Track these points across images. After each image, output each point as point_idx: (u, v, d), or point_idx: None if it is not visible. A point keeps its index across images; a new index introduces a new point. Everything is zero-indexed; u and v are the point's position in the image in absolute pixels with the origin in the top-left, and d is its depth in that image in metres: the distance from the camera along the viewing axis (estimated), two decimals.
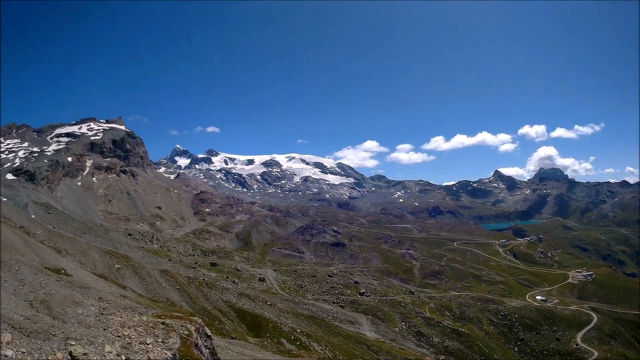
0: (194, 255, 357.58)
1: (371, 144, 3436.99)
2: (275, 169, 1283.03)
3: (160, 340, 48.25)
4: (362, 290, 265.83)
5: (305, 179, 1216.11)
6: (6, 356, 36.32)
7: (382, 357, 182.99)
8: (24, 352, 39.39)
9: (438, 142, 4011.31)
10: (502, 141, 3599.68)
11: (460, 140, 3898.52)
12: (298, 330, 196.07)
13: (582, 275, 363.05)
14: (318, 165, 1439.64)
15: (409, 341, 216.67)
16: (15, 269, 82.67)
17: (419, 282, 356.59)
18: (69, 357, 39.30)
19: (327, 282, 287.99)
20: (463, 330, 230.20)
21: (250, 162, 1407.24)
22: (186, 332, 56.57)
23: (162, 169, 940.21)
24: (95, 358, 40.04)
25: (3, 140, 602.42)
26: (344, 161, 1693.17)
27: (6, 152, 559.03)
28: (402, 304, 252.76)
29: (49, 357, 39.14)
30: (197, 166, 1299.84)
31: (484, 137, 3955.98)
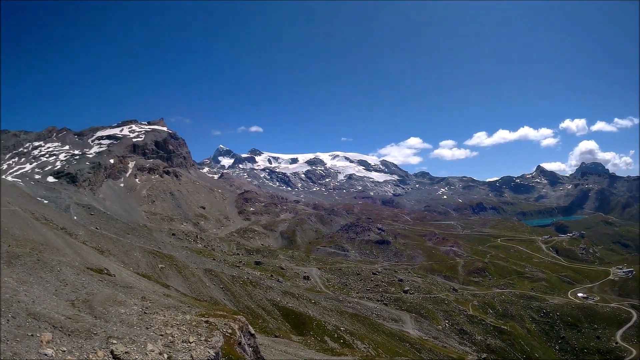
0: (238, 254, 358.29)
1: (414, 141, 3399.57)
2: (319, 168, 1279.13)
3: (203, 338, 48.27)
4: (405, 288, 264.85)
5: (350, 176, 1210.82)
6: (45, 355, 36.59)
7: (425, 356, 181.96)
8: (64, 351, 39.56)
9: (480, 138, 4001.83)
10: (544, 135, 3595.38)
11: (503, 135, 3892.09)
12: (342, 329, 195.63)
13: (623, 272, 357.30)
14: (362, 162, 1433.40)
15: (452, 339, 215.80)
16: (57, 270, 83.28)
17: (463, 279, 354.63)
18: (110, 356, 39.50)
19: (372, 280, 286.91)
20: (505, 328, 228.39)
21: (294, 160, 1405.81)
22: (230, 331, 56.45)
23: (206, 169, 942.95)
24: (137, 356, 40.20)
25: (44, 144, 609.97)
26: (387, 158, 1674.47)
27: (47, 156, 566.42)
28: (446, 302, 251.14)
29: (90, 356, 39.33)
30: (240, 166, 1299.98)
31: (526, 131, 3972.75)
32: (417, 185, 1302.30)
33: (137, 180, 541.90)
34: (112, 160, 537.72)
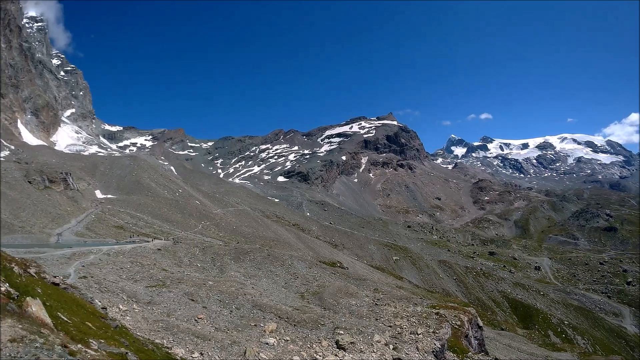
0: (472, 244, 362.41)
1: (635, 117, 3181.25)
2: (549, 152, 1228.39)
3: (431, 330, 55.80)
4: (629, 280, 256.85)
5: (578, 159, 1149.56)
6: (267, 343, 45.38)
7: (637, 355, 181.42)
8: (287, 340, 48.94)
9: None
10: None
11: None
12: (565, 322, 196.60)
13: None
14: (589, 144, 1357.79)
15: None
16: (288, 264, 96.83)
17: None
18: (334, 346, 47.96)
19: (598, 271, 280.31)
20: None
21: (525, 146, 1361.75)
22: (458, 323, 63.84)
23: (439, 160, 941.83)
24: (362, 347, 48.57)
25: (271, 147, 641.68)
26: (612, 138, 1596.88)
27: (275, 157, 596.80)
28: None
29: (314, 345, 48.01)
30: (473, 154, 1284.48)
31: None
32: None
33: (371, 174, 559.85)
34: (344, 157, 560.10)
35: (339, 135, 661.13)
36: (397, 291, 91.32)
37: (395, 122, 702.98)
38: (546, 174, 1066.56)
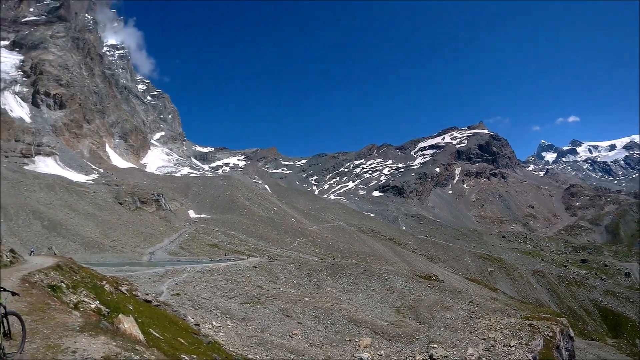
0: (565, 252, 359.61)
1: None
2: (635, 152, 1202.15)
3: (524, 342, 56.31)
4: None
5: None
6: (361, 358, 46.17)
7: None
8: (382, 355, 50.02)
9: None
10: None
11: None
12: None
13: None
14: None
15: None
16: (384, 278, 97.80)
17: None
18: None
19: None
20: None
21: (612, 147, 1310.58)
22: (550, 334, 64.04)
23: (531, 167, 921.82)
24: None
25: (365, 162, 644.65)
26: None
27: (370, 172, 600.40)
28: None
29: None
30: (563, 159, 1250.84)
31: None
32: None
33: (464, 185, 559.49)
34: (437, 169, 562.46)
35: (431, 147, 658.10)
36: (492, 303, 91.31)
37: (486, 131, 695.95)
38: (634, 175, 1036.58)
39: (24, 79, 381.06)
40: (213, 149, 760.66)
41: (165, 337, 28.64)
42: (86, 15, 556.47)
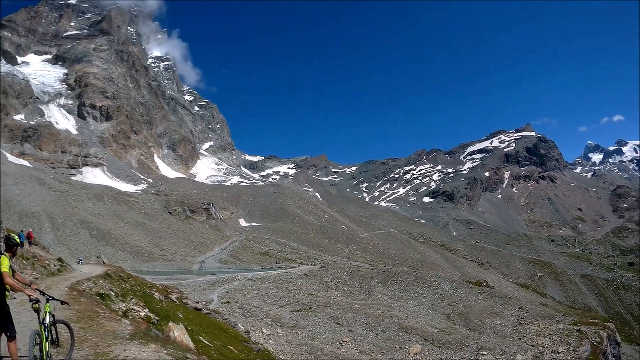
0: (613, 255, 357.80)
1: None
2: None
3: (572, 348, 57.69)
4: None
5: None
6: None
7: None
8: None
9: None
10: None
11: None
12: None
13: None
14: None
15: None
16: (435, 285, 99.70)
17: None
18: None
19: None
20: None
21: None
22: (597, 339, 65.39)
23: (578, 169, 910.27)
24: None
25: (415, 167, 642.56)
26: None
27: (420, 178, 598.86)
28: None
29: None
30: (610, 160, 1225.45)
31: None
32: None
33: (514, 189, 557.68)
34: (487, 173, 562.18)
35: (480, 151, 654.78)
36: (541, 309, 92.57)
37: (533, 133, 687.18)
38: None
39: (68, 91, 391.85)
40: (263, 158, 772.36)
41: (215, 345, 29.96)
42: (128, 28, 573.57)
